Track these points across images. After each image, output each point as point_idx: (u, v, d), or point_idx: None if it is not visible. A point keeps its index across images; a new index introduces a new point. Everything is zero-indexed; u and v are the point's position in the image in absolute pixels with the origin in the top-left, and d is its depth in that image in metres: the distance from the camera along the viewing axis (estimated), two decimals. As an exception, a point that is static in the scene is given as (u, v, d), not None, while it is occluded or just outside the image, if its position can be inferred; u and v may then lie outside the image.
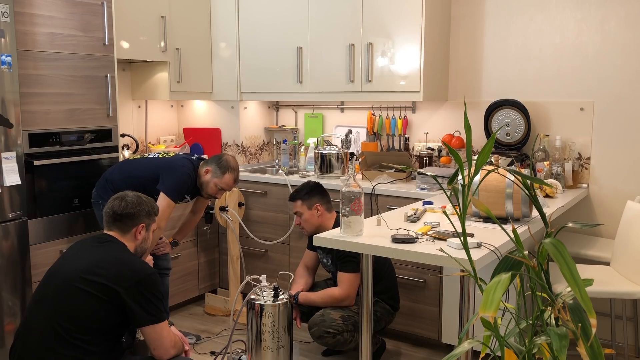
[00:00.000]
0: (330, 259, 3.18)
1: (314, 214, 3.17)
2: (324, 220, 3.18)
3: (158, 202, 3.06)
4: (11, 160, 2.88)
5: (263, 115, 4.62)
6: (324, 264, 3.27)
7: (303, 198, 3.19)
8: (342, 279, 3.04)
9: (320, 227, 3.11)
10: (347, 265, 3.01)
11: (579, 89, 3.50)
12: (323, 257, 3.24)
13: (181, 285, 3.96)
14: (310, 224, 3.18)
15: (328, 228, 3.06)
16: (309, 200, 3.18)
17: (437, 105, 3.95)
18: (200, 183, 3.25)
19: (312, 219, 3.17)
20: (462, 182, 1.51)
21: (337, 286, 3.07)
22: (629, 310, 3.26)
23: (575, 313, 1.36)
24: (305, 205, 3.18)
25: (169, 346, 2.22)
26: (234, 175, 3.27)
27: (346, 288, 3.03)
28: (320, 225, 3.15)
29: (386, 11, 3.65)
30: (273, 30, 4.12)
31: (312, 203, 3.17)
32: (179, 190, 3.18)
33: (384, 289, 3.13)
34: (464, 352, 1.50)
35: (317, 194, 3.21)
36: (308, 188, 3.24)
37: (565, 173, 3.43)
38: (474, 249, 2.15)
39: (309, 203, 3.18)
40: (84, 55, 3.27)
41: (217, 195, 3.29)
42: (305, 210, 3.18)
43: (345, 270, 3.02)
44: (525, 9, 3.61)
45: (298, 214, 3.22)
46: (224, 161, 3.25)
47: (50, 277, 2.23)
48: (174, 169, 3.20)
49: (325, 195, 3.24)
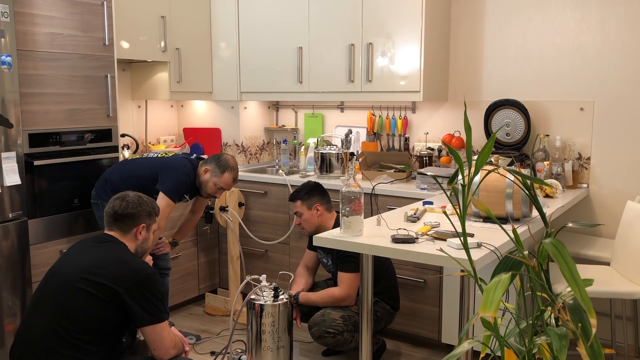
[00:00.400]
0: (330, 259, 3.19)
1: (313, 214, 3.17)
2: (324, 220, 3.18)
3: (157, 201, 3.06)
4: (11, 160, 2.88)
5: (263, 115, 4.62)
6: (324, 264, 3.27)
7: (303, 198, 3.19)
8: (342, 279, 3.04)
9: (320, 227, 3.11)
10: (347, 265, 3.01)
11: (579, 89, 3.50)
12: (323, 257, 3.24)
13: (181, 285, 3.96)
14: (310, 224, 3.18)
15: (328, 228, 3.06)
16: (308, 201, 3.18)
17: (437, 105, 3.95)
18: (199, 182, 3.25)
19: (312, 219, 3.17)
20: (462, 182, 1.51)
21: (338, 286, 3.07)
22: (629, 310, 3.26)
23: (575, 313, 1.36)
24: (305, 205, 3.18)
25: (169, 346, 2.22)
26: (233, 175, 3.27)
27: (346, 288, 3.03)
28: (320, 225, 3.15)
29: (386, 11, 3.65)
30: (273, 30, 4.12)
31: (312, 203, 3.17)
32: (179, 190, 3.18)
33: (384, 289, 3.14)
34: (464, 352, 1.50)
35: (316, 194, 3.21)
36: (308, 188, 3.24)
37: (565, 173, 3.43)
38: (474, 249, 2.15)
39: (308, 203, 3.18)
40: (84, 55, 3.27)
41: (217, 194, 3.29)
42: (305, 211, 3.18)
43: (345, 270, 3.02)
44: (525, 9, 3.61)
45: (298, 214, 3.22)
46: (223, 160, 3.25)
47: (51, 278, 2.23)
48: (174, 169, 3.20)
49: (325, 195, 3.24)
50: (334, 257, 3.11)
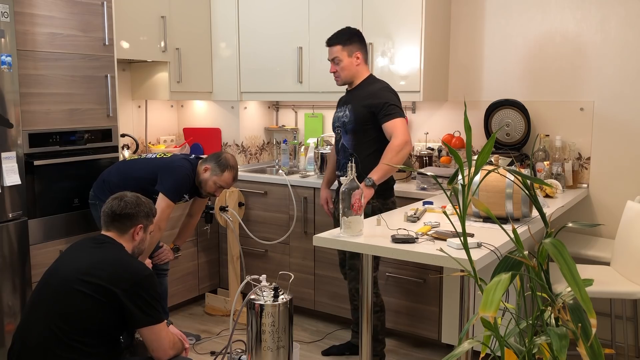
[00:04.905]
0: (348, 110, 3.04)
1: (353, 62, 2.98)
2: (360, 71, 3.02)
3: (157, 203, 3.06)
4: (11, 160, 2.88)
5: (263, 115, 4.62)
6: (340, 123, 3.09)
7: (344, 43, 2.97)
8: (392, 126, 2.89)
9: (355, 78, 3.00)
10: (391, 114, 2.89)
11: (579, 89, 3.50)
12: (341, 115, 3.08)
13: (181, 285, 3.96)
14: (348, 73, 3.01)
15: (360, 80, 3.00)
16: (350, 47, 2.97)
17: (437, 105, 3.94)
18: (199, 181, 3.25)
19: (350, 66, 2.99)
20: (462, 182, 1.51)
21: (392, 136, 2.90)
22: (629, 310, 3.26)
23: (575, 313, 1.36)
24: (345, 51, 2.98)
25: (167, 347, 2.21)
26: (234, 173, 3.27)
27: (401, 133, 2.88)
28: (354, 76, 3.01)
29: (386, 11, 3.65)
30: (273, 30, 4.11)
31: (353, 50, 2.97)
32: (178, 191, 3.18)
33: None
34: (464, 352, 1.50)
35: (358, 41, 3.00)
36: (349, 33, 3.01)
37: (565, 173, 3.43)
38: (474, 249, 2.15)
39: (349, 50, 2.97)
40: (84, 55, 3.27)
41: (216, 193, 3.29)
42: (345, 57, 2.98)
43: (391, 118, 2.89)
44: (525, 9, 3.61)
45: (335, 61, 3.01)
46: (223, 159, 3.24)
47: (49, 279, 2.23)
48: (173, 169, 3.19)
49: (364, 44, 3.03)
50: (374, 112, 2.94)
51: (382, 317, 3.20)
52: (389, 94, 3.00)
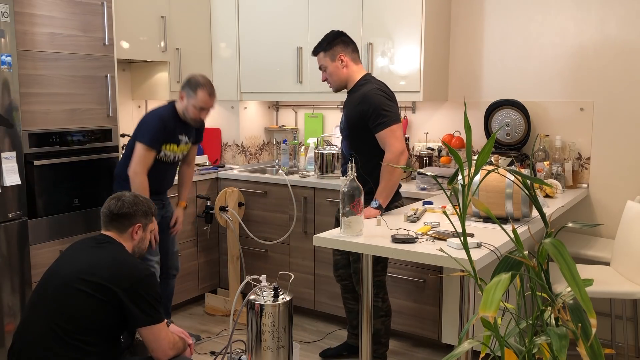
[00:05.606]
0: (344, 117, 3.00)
1: (338, 65, 2.93)
2: (351, 73, 2.95)
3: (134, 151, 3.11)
4: (11, 160, 2.88)
5: (263, 115, 4.62)
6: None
7: (325, 49, 2.94)
8: (384, 137, 2.82)
9: (348, 81, 2.95)
10: (381, 123, 2.81)
11: (579, 89, 3.50)
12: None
13: (181, 285, 3.96)
14: (337, 78, 2.96)
15: (354, 82, 2.94)
16: (331, 51, 2.93)
17: (437, 105, 3.94)
18: (182, 112, 3.24)
19: (337, 71, 2.94)
20: (462, 182, 1.51)
21: (385, 148, 2.84)
22: (629, 310, 3.26)
23: (575, 313, 1.36)
24: (327, 57, 2.94)
25: (167, 347, 2.21)
26: (207, 90, 3.19)
27: (392, 144, 2.81)
28: (347, 79, 2.96)
29: (386, 11, 3.65)
30: (273, 30, 4.12)
31: (335, 53, 2.93)
32: (152, 133, 3.15)
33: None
34: (464, 352, 1.50)
35: (339, 43, 2.94)
36: (329, 38, 2.96)
37: (565, 173, 3.43)
38: (474, 249, 2.15)
39: (331, 54, 2.93)
40: (84, 55, 3.27)
41: (202, 116, 3.26)
42: (329, 63, 2.94)
43: (383, 128, 2.81)
44: (525, 9, 3.61)
45: (322, 68, 2.99)
46: (192, 80, 3.20)
47: (49, 278, 2.23)
48: (141, 121, 3.25)
49: (349, 44, 2.96)
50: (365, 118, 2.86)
51: (386, 322, 3.09)
52: (378, 97, 2.86)
